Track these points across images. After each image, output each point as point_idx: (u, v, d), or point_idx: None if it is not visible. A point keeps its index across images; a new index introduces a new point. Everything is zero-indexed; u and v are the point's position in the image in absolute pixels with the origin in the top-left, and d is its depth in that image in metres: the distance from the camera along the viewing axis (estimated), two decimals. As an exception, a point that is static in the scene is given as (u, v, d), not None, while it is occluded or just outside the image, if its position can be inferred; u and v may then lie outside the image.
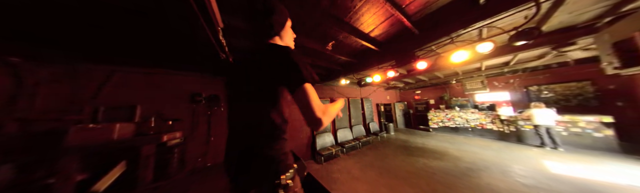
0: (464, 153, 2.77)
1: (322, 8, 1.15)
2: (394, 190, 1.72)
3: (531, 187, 1.64)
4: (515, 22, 1.36)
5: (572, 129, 2.75)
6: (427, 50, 1.76)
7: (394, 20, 1.33)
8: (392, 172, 2.15)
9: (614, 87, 2.82)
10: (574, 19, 1.46)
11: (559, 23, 1.51)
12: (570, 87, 3.22)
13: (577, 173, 1.88)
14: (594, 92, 2.99)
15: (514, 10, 0.96)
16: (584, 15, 1.39)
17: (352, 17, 1.28)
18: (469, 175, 1.94)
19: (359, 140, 3.35)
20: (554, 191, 1.56)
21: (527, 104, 3.74)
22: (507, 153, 2.68)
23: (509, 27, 1.34)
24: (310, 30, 1.47)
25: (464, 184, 1.74)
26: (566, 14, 1.34)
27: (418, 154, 2.81)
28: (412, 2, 1.12)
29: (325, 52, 1.91)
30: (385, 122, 4.80)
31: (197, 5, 0.81)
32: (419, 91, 5.85)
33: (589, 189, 1.57)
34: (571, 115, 2.77)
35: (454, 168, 2.18)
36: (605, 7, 1.25)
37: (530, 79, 3.65)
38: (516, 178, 1.82)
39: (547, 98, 3.46)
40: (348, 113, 3.94)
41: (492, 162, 2.31)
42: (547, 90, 3.48)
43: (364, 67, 2.31)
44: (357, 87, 4.48)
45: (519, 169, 2.05)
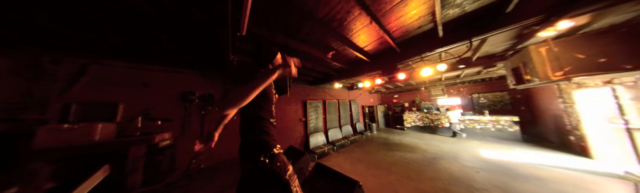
0: (430, 146, 3.44)
1: (332, 27, 1.43)
2: (379, 178, 2.07)
3: (472, 167, 2.28)
4: (461, 50, 1.95)
5: (497, 126, 3.79)
6: (405, 64, 2.28)
7: (383, 40, 1.72)
8: (376, 164, 2.52)
9: (520, 96, 4.06)
10: (494, 50, 2.19)
11: (485, 52, 2.23)
12: (497, 96, 4.44)
13: (498, 157, 2.68)
14: (509, 100, 4.23)
15: (459, 44, 1.46)
16: (499, 48, 2.12)
17: (352, 35, 1.61)
18: (432, 163, 2.50)
19: (347, 139, 3.68)
20: (486, 169, 2.21)
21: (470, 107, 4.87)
22: (458, 145, 3.48)
23: (457, 53, 1.93)
24: (317, 42, 1.73)
25: (429, 169, 2.27)
26: (489, 46, 2.02)
27: (396, 149, 3.34)
28: (397, 30, 1.52)
29: (325, 59, 2.18)
30: (369, 122, 5.35)
31: (232, 13, 0.95)
32: (397, 95, 6.77)
33: (504, 166, 2.29)
34: (497, 116, 3.82)
35: (422, 158, 2.74)
36: (509, 44, 1.97)
37: (473, 88, 4.86)
38: (463, 163, 2.46)
39: (483, 103, 4.64)
40: (338, 114, 4.27)
41: (448, 152, 3.00)
42: (483, 97, 4.68)
43: (356, 74, 2.69)
44: (347, 91, 4.92)
45: (465, 156, 2.75)
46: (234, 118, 1.66)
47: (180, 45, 1.53)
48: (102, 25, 1.14)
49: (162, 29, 1.24)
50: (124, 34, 1.27)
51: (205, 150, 1.27)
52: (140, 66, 1.80)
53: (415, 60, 1.99)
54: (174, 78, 2.02)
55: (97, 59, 1.57)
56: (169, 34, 1.33)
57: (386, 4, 1.14)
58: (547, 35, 1.31)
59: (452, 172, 2.16)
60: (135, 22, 1.14)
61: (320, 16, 1.28)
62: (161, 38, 1.37)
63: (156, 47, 1.52)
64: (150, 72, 1.86)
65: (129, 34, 1.27)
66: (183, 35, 1.37)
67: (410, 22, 1.39)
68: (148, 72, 1.85)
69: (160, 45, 1.49)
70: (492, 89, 4.50)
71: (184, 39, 1.43)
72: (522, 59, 1.63)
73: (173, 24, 1.19)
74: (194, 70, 2.18)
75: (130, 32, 1.26)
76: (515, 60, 1.79)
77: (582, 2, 0.95)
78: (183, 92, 2.06)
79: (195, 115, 2.13)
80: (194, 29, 1.28)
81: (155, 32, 1.28)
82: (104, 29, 1.18)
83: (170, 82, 1.98)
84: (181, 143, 1.93)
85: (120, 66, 1.70)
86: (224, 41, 1.42)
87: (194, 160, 1.97)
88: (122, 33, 1.25)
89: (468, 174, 2.08)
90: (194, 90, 2.11)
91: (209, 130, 0.72)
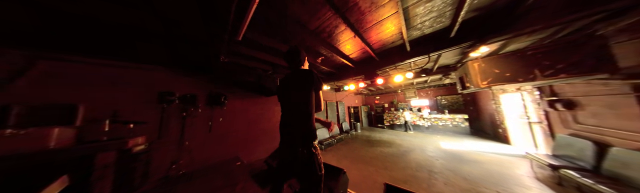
0: (404, 141, 3.98)
1: (322, 37, 1.63)
2: (361, 170, 2.35)
3: (433, 157, 2.79)
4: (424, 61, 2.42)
5: (453, 123, 4.65)
6: (383, 71, 2.66)
7: (365, 51, 2.02)
8: (360, 159, 2.82)
9: (469, 98, 5.08)
10: (448, 62, 2.77)
11: (443, 63, 2.80)
12: (454, 98, 5.43)
13: (452, 147, 3.33)
14: (462, 101, 5.24)
15: (421, 57, 1.85)
16: (452, 60, 2.70)
17: (340, 45, 1.85)
18: (405, 155, 2.94)
19: (334, 138, 3.92)
20: (443, 157, 2.74)
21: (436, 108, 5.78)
22: (425, 139, 4.13)
23: (422, 64, 2.39)
24: (308, 48, 1.91)
25: (402, 160, 2.68)
26: (445, 59, 2.57)
27: (377, 145, 3.74)
28: (376, 43, 1.84)
29: (315, 64, 2.37)
30: (354, 121, 5.74)
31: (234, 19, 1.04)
32: (378, 97, 7.46)
33: (456, 154, 2.89)
34: (453, 115, 4.68)
35: (397, 151, 3.18)
36: (457, 59, 2.54)
37: (437, 92, 5.81)
38: (428, 153, 2.98)
39: (444, 104, 5.60)
40: (326, 115, 4.48)
41: (417, 146, 3.55)
42: (444, 99, 5.64)
43: (342, 77, 2.97)
44: (334, 92, 5.21)
45: (429, 148, 3.32)
46: (220, 119, 1.61)
47: (161, 41, 1.44)
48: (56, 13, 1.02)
49: (140, 24, 1.17)
50: (85, 26, 1.14)
51: (186, 155, 1.29)
52: (107, 62, 1.59)
53: (391, 67, 2.37)
54: (149, 76, 1.84)
55: (46, 53, 1.34)
56: (148, 30, 1.27)
57: (366, 23, 1.41)
58: (476, 55, 1.81)
59: (419, 161, 2.61)
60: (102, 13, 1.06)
61: (313, 28, 1.47)
62: (137, 33, 1.27)
63: (129, 41, 1.39)
64: (121, 69, 1.67)
65: (92, 26, 1.14)
66: (166, 32, 1.31)
67: (386, 37, 1.70)
68: (117, 69, 1.65)
69: (136, 39, 1.38)
70: (450, 93, 5.49)
71: (167, 35, 1.37)
72: (464, 70, 2.15)
73: (154, 20, 1.14)
74: (173, 69, 2.02)
75: (93, 25, 1.13)
76: (460, 71, 2.33)
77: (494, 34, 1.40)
78: (160, 92, 1.89)
79: (174, 118, 1.99)
80: (182, 29, 1.28)
81: (129, 28, 1.20)
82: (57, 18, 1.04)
83: (144, 80, 1.81)
84: (158, 147, 1.78)
85: (80, 61, 1.48)
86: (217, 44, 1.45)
87: (174, 165, 1.85)
88: (82, 25, 1.12)
89: (430, 162, 2.55)
90: (174, 90, 1.96)
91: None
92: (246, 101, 2.80)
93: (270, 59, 2.02)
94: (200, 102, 2.25)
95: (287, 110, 0.88)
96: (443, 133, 4.67)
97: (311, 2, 1.10)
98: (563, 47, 1.45)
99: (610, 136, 1.58)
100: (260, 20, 1.25)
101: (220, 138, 2.39)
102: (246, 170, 1.89)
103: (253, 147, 2.77)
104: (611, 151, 1.52)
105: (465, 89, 2.22)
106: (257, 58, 2.02)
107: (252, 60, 2.09)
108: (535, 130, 2.57)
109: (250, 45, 1.63)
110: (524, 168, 2.21)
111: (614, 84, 1.49)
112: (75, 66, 1.46)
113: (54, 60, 1.37)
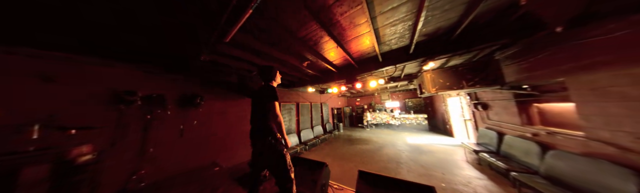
0: (379, 139, 4.51)
1: (309, 45, 1.81)
2: (342, 166, 2.58)
3: (401, 150, 3.32)
4: (392, 70, 2.92)
5: (417, 121, 5.56)
6: (362, 76, 3.03)
7: (346, 58, 2.31)
8: (341, 157, 3.07)
9: (428, 101, 6.19)
10: (412, 71, 3.40)
11: (408, 72, 3.41)
12: (418, 101, 6.49)
13: (416, 141, 4.02)
14: (423, 104, 6.33)
15: (390, 67, 2.26)
16: (414, 70, 3.33)
17: (324, 52, 2.07)
18: (379, 150, 3.38)
19: (318, 138, 4.07)
20: (408, 150, 3.29)
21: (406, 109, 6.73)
22: (396, 136, 4.79)
23: (391, 72, 2.87)
24: (297, 53, 2.05)
25: (377, 155, 3.08)
26: (409, 69, 3.15)
27: (356, 143, 4.12)
28: (356, 53, 2.14)
29: (300, 67, 2.51)
30: (337, 122, 6.07)
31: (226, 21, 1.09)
32: (359, 99, 8.13)
33: (417, 147, 3.51)
34: (417, 114, 5.62)
35: (373, 148, 3.60)
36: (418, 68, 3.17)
37: (406, 95, 6.84)
38: (397, 148, 3.51)
39: (410, 106, 6.62)
40: (311, 116, 4.61)
41: (389, 141, 4.11)
42: (410, 102, 6.67)
43: (326, 81, 3.20)
44: (319, 94, 5.42)
45: (399, 143, 3.90)
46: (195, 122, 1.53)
47: (124, 31, 1.25)
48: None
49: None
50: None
51: (149, 164, 1.26)
52: (37, 52, 1.25)
53: (368, 74, 2.74)
54: (102, 73, 1.54)
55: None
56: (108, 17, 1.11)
57: (347, 36, 1.66)
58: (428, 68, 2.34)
59: (390, 155, 3.05)
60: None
61: (300, 36, 1.62)
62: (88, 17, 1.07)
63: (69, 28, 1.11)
64: (59, 62, 1.34)
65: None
66: (133, 22, 1.19)
67: (363, 49, 2.02)
68: (53, 62, 1.32)
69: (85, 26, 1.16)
70: (415, 96, 6.55)
71: (134, 26, 1.23)
72: (421, 79, 2.72)
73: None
74: (137, 65, 1.74)
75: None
76: (419, 80, 2.92)
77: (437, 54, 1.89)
78: (117, 91, 1.62)
79: (135, 121, 1.70)
80: (161, 25, 1.21)
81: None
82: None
83: (93, 77, 1.50)
84: (111, 157, 1.51)
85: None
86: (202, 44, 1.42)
87: (135, 176, 1.59)
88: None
89: (398, 155, 3.03)
90: (135, 90, 1.70)
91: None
92: (226, 102, 2.65)
93: (256, 60, 2.03)
94: (169, 103, 2.01)
95: (253, 114, 1.11)
96: (409, 130, 5.51)
97: (300, 16, 1.26)
98: (478, 66, 2.09)
99: (505, 128, 2.32)
100: (251, 26, 1.32)
101: (195, 143, 2.18)
102: (227, 175, 1.81)
103: (234, 151, 2.61)
104: (505, 138, 2.23)
105: (423, 93, 2.79)
106: (241, 58, 2.00)
107: (236, 60, 2.05)
108: (468, 125, 3.41)
109: (237, 45, 1.64)
110: (460, 154, 2.91)
111: (505, 92, 2.22)
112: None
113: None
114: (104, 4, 0.98)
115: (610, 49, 1.10)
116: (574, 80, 1.39)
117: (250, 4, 0.93)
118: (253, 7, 0.95)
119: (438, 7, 1.19)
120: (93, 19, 1.08)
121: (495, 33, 1.51)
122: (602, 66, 1.17)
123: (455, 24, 1.43)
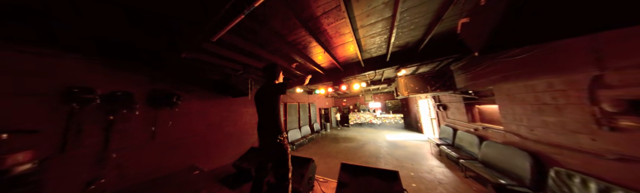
0: (362, 137, 4.87)
1: (298, 48, 1.92)
2: (328, 163, 2.75)
3: (381, 147, 3.69)
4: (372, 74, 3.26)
5: (395, 120, 6.20)
6: (347, 79, 3.29)
7: (333, 62, 2.49)
8: (327, 155, 3.24)
9: (404, 102, 6.96)
10: (390, 76, 3.83)
11: (387, 76, 3.84)
12: (395, 102, 7.22)
13: (393, 138, 4.50)
14: (400, 105, 7.10)
15: (371, 72, 2.54)
16: (392, 75, 3.77)
17: (312, 55, 2.20)
18: (362, 147, 3.69)
19: (306, 138, 4.15)
20: (387, 146, 3.69)
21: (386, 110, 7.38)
22: (377, 134, 5.25)
23: (372, 76, 3.20)
24: (287, 55, 2.12)
25: (359, 151, 3.36)
26: (387, 74, 3.55)
27: (342, 141, 4.36)
28: (342, 58, 2.35)
29: (289, 69, 2.59)
30: (324, 122, 6.25)
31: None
32: (345, 100, 8.54)
33: (394, 143, 3.97)
34: (395, 114, 6.27)
35: (357, 145, 3.90)
36: (395, 74, 3.61)
37: (386, 97, 7.51)
38: (378, 144, 3.88)
39: (390, 107, 7.31)
40: (298, 116, 4.66)
41: (371, 139, 4.49)
42: (389, 103, 7.37)
43: (314, 82, 3.33)
44: (307, 95, 5.51)
45: (379, 140, 4.31)
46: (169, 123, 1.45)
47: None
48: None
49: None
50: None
51: (112, 171, 1.22)
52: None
53: (352, 77, 3.00)
54: (49, 65, 1.29)
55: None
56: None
57: (334, 43, 1.84)
58: (401, 74, 2.73)
59: (371, 151, 3.37)
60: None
61: (290, 40, 1.71)
62: None
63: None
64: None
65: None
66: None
67: (349, 54, 2.23)
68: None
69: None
70: (393, 98, 7.27)
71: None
72: (397, 83, 3.12)
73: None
74: (96, 58, 1.49)
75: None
76: (396, 83, 3.34)
77: (408, 63, 2.24)
78: (68, 87, 1.36)
79: (92, 123, 1.46)
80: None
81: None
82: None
83: (39, 70, 1.25)
84: (59, 165, 1.28)
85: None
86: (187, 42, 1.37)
87: (93, 186, 1.40)
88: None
89: (378, 150, 3.37)
90: (92, 86, 1.46)
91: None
92: (208, 102, 2.50)
93: (243, 59, 2.01)
94: (138, 102, 1.80)
95: (260, 113, 1.14)
96: (389, 129, 6.09)
97: (289, 22, 1.36)
98: (439, 74, 2.55)
99: (458, 125, 2.87)
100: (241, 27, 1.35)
101: (169, 146, 2.00)
102: (209, 178, 1.74)
103: (215, 153, 2.48)
104: (457, 133, 2.76)
105: (398, 96, 3.20)
106: (227, 57, 1.95)
107: (221, 58, 1.99)
108: (433, 123, 4.03)
109: (224, 45, 1.62)
110: (427, 147, 3.42)
111: (457, 96, 2.76)
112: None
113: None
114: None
115: (516, 66, 1.56)
116: (497, 88, 1.88)
117: (244, 11, 0.99)
118: (246, 14, 1.01)
119: (405, 26, 1.46)
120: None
121: (450, 49, 1.91)
122: (512, 78, 1.63)
123: (420, 40, 1.75)
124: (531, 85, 1.47)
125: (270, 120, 1.07)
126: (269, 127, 1.06)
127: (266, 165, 1.11)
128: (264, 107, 1.11)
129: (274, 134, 1.03)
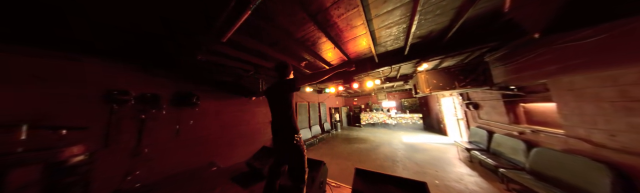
0: (376, 138, 4.59)
1: (306, 45, 1.84)
2: (340, 165, 2.63)
3: (397, 149, 3.40)
4: (388, 70, 2.99)
5: (412, 120, 5.69)
6: (359, 77, 3.09)
7: (343, 59, 2.35)
8: (339, 156, 3.11)
9: (423, 101, 6.34)
10: (407, 72, 3.49)
11: (403, 73, 3.50)
12: (413, 100, 6.64)
13: (411, 140, 4.12)
14: (418, 103, 6.48)
15: (386, 67, 2.32)
16: (410, 70, 3.42)
17: (322, 52, 2.10)
18: (376, 149, 3.45)
19: (316, 138, 4.10)
20: (404, 149, 3.38)
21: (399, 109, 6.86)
22: (392, 135, 4.89)
23: (387, 73, 2.94)
24: (295, 54, 2.07)
25: (373, 153, 3.15)
26: (404, 70, 3.23)
27: (354, 142, 4.17)
28: (353, 53, 2.18)
29: (298, 67, 2.54)
30: (334, 121, 6.12)
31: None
32: (356, 99, 8.22)
33: (412, 145, 3.61)
34: (412, 114, 5.75)
35: (370, 146, 3.67)
36: (413, 69, 3.26)
37: (402, 95, 6.95)
38: (393, 146, 3.59)
39: (406, 106, 6.75)
40: (308, 116, 4.63)
41: (386, 140, 4.19)
42: (406, 102, 6.81)
43: (324, 81, 3.23)
44: (317, 94, 5.45)
45: (395, 142, 3.99)
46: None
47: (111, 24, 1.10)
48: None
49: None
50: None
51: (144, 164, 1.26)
52: (32, 51, 1.23)
53: (364, 74, 2.80)
54: (93, 71, 1.52)
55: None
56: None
57: (344, 38, 1.70)
58: (422, 69, 2.43)
59: (386, 153, 3.12)
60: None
61: (298, 37, 1.65)
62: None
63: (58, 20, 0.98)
64: (43, 59, 1.30)
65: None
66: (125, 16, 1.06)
67: (361, 49, 2.06)
68: (39, 59, 1.28)
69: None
70: (410, 96, 6.69)
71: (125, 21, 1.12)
72: (416, 79, 2.80)
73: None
74: (127, 63, 1.69)
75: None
76: (414, 80, 3.01)
77: (430, 55, 1.96)
78: (109, 90, 1.58)
79: (129, 121, 1.67)
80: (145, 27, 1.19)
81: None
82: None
83: (85, 76, 1.48)
84: (103, 158, 1.48)
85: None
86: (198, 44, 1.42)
87: (129, 177, 1.57)
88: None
89: (394, 153, 3.10)
90: (128, 89, 1.67)
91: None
92: (221, 102, 2.63)
93: (254, 60, 2.04)
94: (164, 102, 1.99)
95: (273, 111, 1.09)
96: (405, 130, 5.63)
97: (297, 17, 1.28)
98: (469, 67, 2.18)
99: (494, 126, 2.43)
100: (249, 26, 1.33)
101: (191, 143, 2.16)
102: (225, 174, 1.81)
103: (230, 151, 2.61)
104: (494, 136, 2.34)
105: (417, 93, 2.88)
106: (238, 58, 2.00)
107: (233, 59, 2.05)
108: (461, 124, 3.54)
109: (234, 45, 1.64)
110: (453, 152, 3.02)
111: (494, 93, 2.33)
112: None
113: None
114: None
115: (585, 53, 1.20)
116: (554, 82, 1.49)
117: (250, 5, 0.95)
118: (252, 9, 0.97)
119: (430, 12, 1.25)
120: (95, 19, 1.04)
121: (484, 36, 1.59)
122: (578, 69, 1.26)
123: (447, 27, 1.49)
124: (611, 76, 1.10)
125: (286, 119, 1.02)
126: (284, 126, 1.01)
127: (280, 166, 1.06)
128: (278, 106, 1.08)
129: (290, 135, 0.98)
